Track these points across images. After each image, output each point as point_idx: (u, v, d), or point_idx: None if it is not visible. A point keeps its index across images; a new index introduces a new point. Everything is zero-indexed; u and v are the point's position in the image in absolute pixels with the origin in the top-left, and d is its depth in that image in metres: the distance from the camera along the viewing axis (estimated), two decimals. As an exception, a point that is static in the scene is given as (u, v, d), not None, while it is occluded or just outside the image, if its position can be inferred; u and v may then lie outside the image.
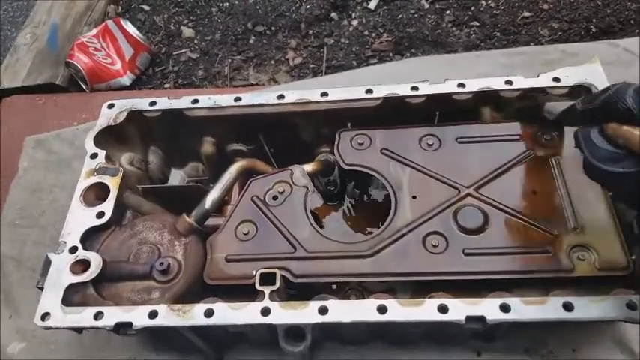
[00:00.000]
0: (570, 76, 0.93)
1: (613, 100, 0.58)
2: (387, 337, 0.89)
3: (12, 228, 1.19)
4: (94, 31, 1.61)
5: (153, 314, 0.74)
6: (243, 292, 0.80)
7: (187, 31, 1.77)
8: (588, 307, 0.69)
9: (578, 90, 0.92)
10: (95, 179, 0.90)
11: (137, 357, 0.94)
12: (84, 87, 1.60)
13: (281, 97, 0.96)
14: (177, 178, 1.12)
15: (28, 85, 1.58)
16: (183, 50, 1.73)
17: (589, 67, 0.94)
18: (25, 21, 1.81)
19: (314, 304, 0.73)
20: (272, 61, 1.65)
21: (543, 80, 0.93)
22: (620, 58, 1.28)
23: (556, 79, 0.93)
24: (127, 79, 1.61)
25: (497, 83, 0.94)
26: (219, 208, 0.91)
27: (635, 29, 1.57)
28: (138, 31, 1.65)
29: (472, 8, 1.67)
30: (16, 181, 1.27)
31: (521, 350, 0.87)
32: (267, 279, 0.77)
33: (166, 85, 1.64)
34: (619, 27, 1.58)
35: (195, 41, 1.75)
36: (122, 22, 1.63)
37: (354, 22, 1.70)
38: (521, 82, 0.94)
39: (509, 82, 0.94)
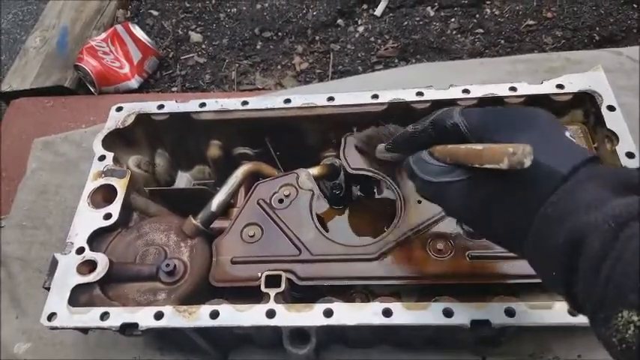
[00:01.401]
0: (574, 83, 0.94)
1: (441, 118, 0.58)
2: (391, 340, 0.89)
3: (19, 229, 1.19)
4: (103, 35, 1.63)
5: (159, 315, 0.75)
6: (249, 294, 0.80)
7: (195, 36, 1.78)
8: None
9: (582, 97, 0.93)
10: (103, 181, 0.91)
11: (142, 357, 0.94)
12: (92, 90, 1.62)
13: (288, 101, 0.97)
14: (183, 180, 1.13)
15: (36, 88, 1.59)
16: (190, 55, 1.74)
17: (593, 74, 0.95)
18: (35, 24, 1.83)
19: (319, 307, 0.73)
20: (279, 66, 1.66)
21: (547, 87, 0.94)
22: (624, 65, 1.29)
23: (560, 86, 0.94)
24: (134, 83, 1.63)
25: (501, 90, 0.95)
26: (225, 210, 0.92)
27: (637, 38, 1.58)
28: (146, 35, 1.67)
29: (477, 16, 1.68)
30: (24, 183, 1.28)
31: (526, 355, 0.87)
32: (273, 281, 0.78)
33: (174, 89, 1.66)
34: (622, 35, 1.59)
35: (203, 46, 1.76)
36: (131, 26, 1.65)
37: (360, 29, 1.71)
38: (525, 88, 0.94)
39: (513, 89, 0.94)
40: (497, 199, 0.52)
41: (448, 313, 0.71)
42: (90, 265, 0.81)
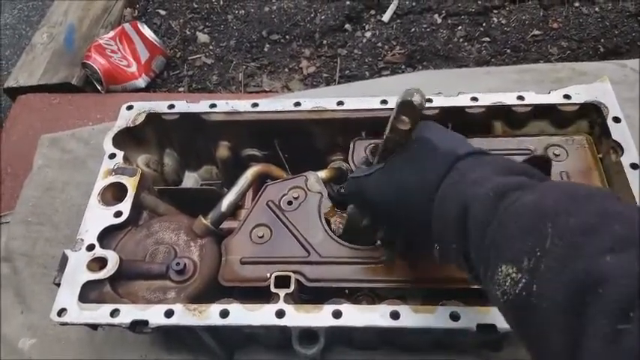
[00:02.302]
0: (581, 94, 0.95)
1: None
2: (395, 342, 0.90)
3: (24, 225, 1.20)
4: (111, 33, 1.63)
5: (169, 313, 0.75)
6: (257, 294, 0.81)
7: (203, 37, 1.79)
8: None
9: (588, 108, 0.95)
10: (113, 179, 0.91)
11: (148, 356, 0.95)
12: (99, 88, 1.63)
13: (298, 104, 0.98)
14: (190, 180, 1.14)
15: (43, 84, 1.60)
16: (198, 55, 1.76)
17: (599, 85, 0.96)
18: (41, 20, 1.84)
19: (328, 308, 0.74)
20: (286, 69, 1.68)
21: (554, 97, 0.96)
22: (628, 78, 1.30)
23: (567, 96, 0.95)
24: (142, 82, 1.64)
25: (509, 98, 0.96)
26: (234, 211, 0.93)
27: (642, 50, 1.60)
28: (154, 34, 1.68)
29: (483, 24, 1.70)
30: (30, 179, 1.28)
31: (528, 358, 0.88)
32: (282, 282, 0.79)
33: (180, 89, 1.66)
34: (626, 48, 1.61)
35: (211, 47, 1.77)
36: (139, 25, 1.66)
37: (368, 34, 1.73)
38: (533, 97, 0.96)
39: (521, 98, 0.96)
40: (406, 181, 0.61)
41: (455, 316, 0.72)
42: (100, 262, 0.82)
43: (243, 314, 0.74)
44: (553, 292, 0.38)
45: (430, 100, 0.96)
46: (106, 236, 0.86)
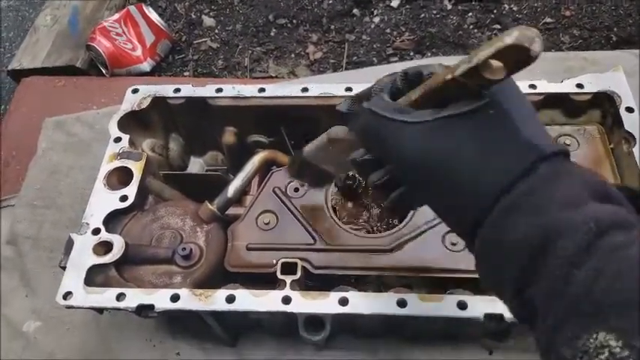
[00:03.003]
0: (593, 83, 0.94)
1: (416, 68, 0.51)
2: (400, 331, 0.90)
3: (30, 208, 1.19)
4: (116, 16, 1.61)
5: (175, 298, 0.75)
6: (263, 280, 0.81)
7: (208, 21, 1.77)
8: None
9: (601, 97, 0.93)
10: (119, 163, 0.91)
11: (153, 340, 0.95)
12: (103, 71, 1.61)
13: (305, 90, 0.97)
14: (196, 166, 1.13)
15: (47, 67, 1.58)
16: (203, 39, 1.73)
17: (612, 75, 0.95)
18: (44, 2, 1.82)
19: (334, 295, 0.74)
20: (292, 55, 1.65)
21: (567, 86, 0.94)
22: (641, 67, 1.28)
23: (580, 86, 0.94)
24: (147, 66, 1.62)
25: (520, 86, 0.94)
26: (240, 197, 0.92)
27: (656, 40, 1.57)
28: (159, 17, 1.66)
29: (494, 11, 1.67)
30: (35, 162, 1.27)
31: (534, 349, 0.88)
32: (288, 269, 0.78)
33: (186, 74, 1.65)
34: (640, 37, 1.59)
35: (216, 31, 1.75)
36: (144, 8, 1.64)
37: (376, 20, 1.70)
38: (545, 86, 0.94)
39: (533, 86, 0.94)
40: (463, 160, 0.43)
41: (462, 305, 0.71)
42: (106, 246, 0.82)
43: (249, 300, 0.74)
44: None
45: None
46: (112, 220, 0.86)
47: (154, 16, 1.64)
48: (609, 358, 0.32)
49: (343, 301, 0.73)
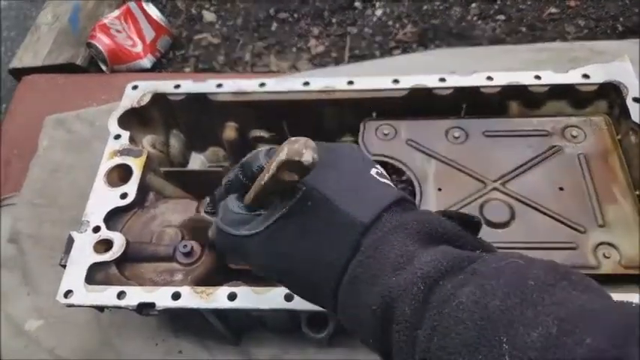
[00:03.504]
0: (600, 74, 0.92)
1: (248, 161, 0.52)
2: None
3: (31, 206, 1.19)
4: (116, 13, 1.60)
5: (176, 296, 0.74)
6: (265, 277, 0.80)
7: (209, 16, 1.76)
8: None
9: (607, 87, 0.91)
10: (119, 160, 0.90)
11: (155, 338, 0.94)
12: (104, 68, 1.60)
13: (306, 84, 0.96)
14: (197, 162, 1.12)
15: (48, 65, 1.58)
16: (204, 35, 1.72)
17: (619, 65, 0.93)
18: (45, 1, 1.81)
19: (338, 292, 0.72)
20: (294, 49, 1.64)
21: (573, 76, 0.92)
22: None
23: (585, 76, 0.92)
24: (147, 62, 1.61)
25: (526, 77, 0.93)
26: (242, 193, 0.91)
27: (662, 29, 1.55)
28: (160, 13, 1.65)
29: (498, 2, 1.65)
30: (36, 160, 1.27)
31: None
32: (291, 265, 0.77)
33: (187, 69, 1.64)
34: (646, 27, 1.56)
35: (217, 26, 1.74)
36: (144, 4, 1.63)
37: (378, 12, 1.68)
38: (550, 77, 0.93)
39: (538, 77, 0.93)
40: (298, 260, 0.46)
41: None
42: (106, 244, 0.81)
43: (252, 297, 0.73)
44: None
45: (443, 80, 0.93)
46: (112, 218, 0.85)
47: (153, 12, 1.63)
48: None
49: (346, 298, 0.72)
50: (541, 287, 0.35)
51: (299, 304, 0.72)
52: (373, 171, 0.49)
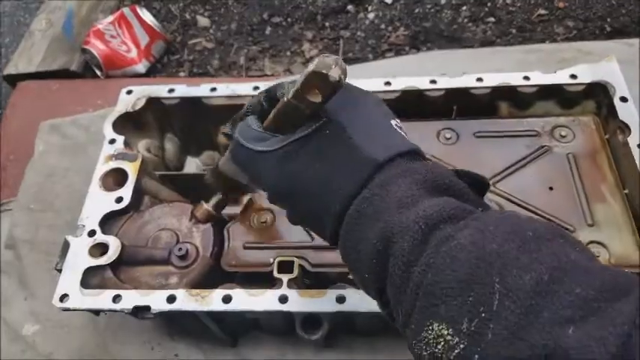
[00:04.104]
0: (587, 74, 0.94)
1: (272, 88, 0.54)
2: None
3: (27, 211, 1.20)
4: (110, 18, 1.61)
5: (171, 299, 0.75)
6: (259, 279, 0.81)
7: (203, 21, 1.77)
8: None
9: (595, 87, 0.93)
10: (114, 164, 0.91)
11: (151, 341, 0.95)
12: (98, 74, 1.61)
13: (299, 87, 0.97)
14: (192, 166, 1.13)
15: (42, 71, 1.58)
16: (198, 39, 1.73)
17: (606, 65, 0.95)
18: (39, 7, 1.82)
19: (331, 293, 0.73)
20: (288, 52, 1.65)
21: (561, 77, 0.94)
22: (636, 57, 1.28)
23: (573, 76, 0.94)
24: (141, 67, 1.62)
25: (514, 78, 0.94)
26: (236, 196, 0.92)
27: (650, 29, 1.57)
28: (154, 19, 1.65)
29: (488, 4, 1.67)
30: (31, 165, 1.27)
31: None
32: (285, 267, 0.78)
33: (181, 74, 1.64)
34: (633, 27, 1.58)
35: (211, 31, 1.75)
36: (138, 9, 1.63)
37: (371, 16, 1.70)
38: (538, 77, 0.94)
39: (526, 78, 0.94)
40: (308, 181, 0.47)
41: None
42: (101, 248, 0.81)
43: (246, 300, 0.74)
44: None
45: (434, 82, 0.94)
46: (108, 222, 0.86)
47: (148, 17, 1.63)
48: (445, 347, 0.34)
49: (340, 299, 0.73)
50: (539, 238, 0.36)
51: (293, 305, 0.73)
52: (393, 122, 0.50)
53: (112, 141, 0.94)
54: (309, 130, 0.47)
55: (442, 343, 0.34)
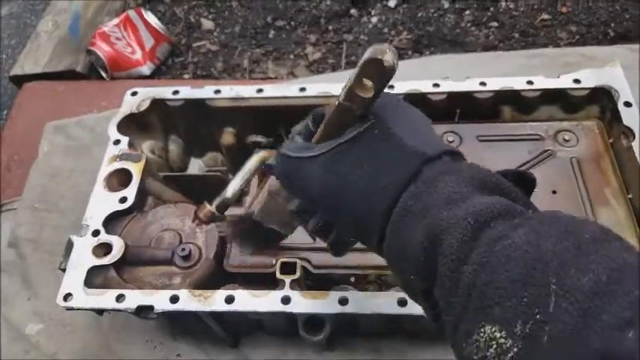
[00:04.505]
0: (591, 79, 0.94)
1: (319, 110, 0.56)
2: (401, 329, 0.90)
3: (31, 211, 1.20)
4: (116, 21, 1.62)
5: (174, 299, 0.75)
6: (262, 281, 0.81)
7: (207, 23, 1.78)
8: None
9: (599, 92, 0.93)
10: (118, 165, 0.91)
11: (154, 341, 0.95)
12: (104, 75, 1.62)
13: (303, 89, 0.97)
14: (195, 167, 1.13)
15: (48, 72, 1.59)
16: (202, 42, 1.74)
17: (610, 70, 0.95)
18: (45, 9, 1.83)
19: (334, 295, 0.73)
20: (291, 56, 1.66)
21: (564, 81, 0.94)
22: (638, 62, 1.28)
23: (577, 81, 0.94)
24: (146, 69, 1.63)
25: (518, 83, 0.94)
26: (240, 198, 0.92)
27: (653, 35, 1.57)
28: (159, 21, 1.67)
29: (491, 9, 1.68)
30: (36, 165, 1.28)
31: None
32: (288, 268, 0.78)
33: (185, 76, 1.66)
34: (636, 32, 1.59)
35: (215, 33, 1.76)
36: (143, 12, 1.65)
37: (374, 19, 1.71)
38: (542, 82, 0.94)
39: (530, 82, 0.94)
40: (356, 180, 0.46)
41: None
42: (105, 248, 0.82)
43: (249, 300, 0.74)
44: None
45: (437, 85, 0.94)
46: (111, 222, 0.86)
47: (153, 20, 1.65)
48: (497, 350, 0.33)
49: (343, 301, 0.73)
50: (595, 240, 0.35)
51: (296, 306, 0.73)
52: (432, 126, 0.51)
53: (117, 142, 0.94)
54: (359, 130, 0.47)
55: (495, 347, 0.33)
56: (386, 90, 0.50)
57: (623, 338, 0.28)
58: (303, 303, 0.73)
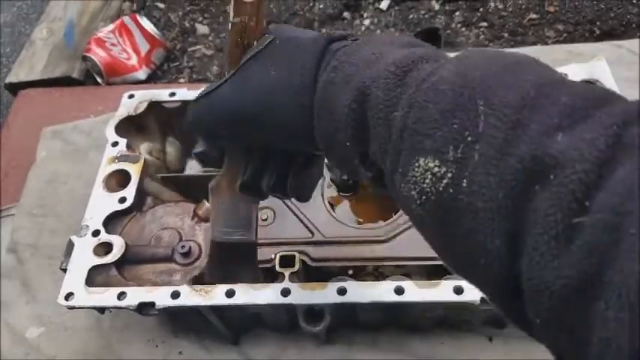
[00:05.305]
0: (577, 73, 0.96)
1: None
2: (400, 321, 0.91)
3: (29, 216, 1.21)
4: (111, 27, 1.64)
5: (175, 295, 0.76)
6: (262, 275, 0.82)
7: (202, 28, 1.80)
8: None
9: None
10: (117, 166, 0.92)
11: (156, 339, 0.96)
12: (99, 81, 1.63)
13: (298, 89, 0.99)
14: (193, 168, 1.14)
15: (44, 79, 1.60)
16: (197, 47, 1.76)
17: (595, 64, 0.98)
18: (39, 17, 1.85)
19: (333, 285, 0.75)
20: (285, 58, 1.68)
21: (553, 76, 0.96)
22: (624, 58, 1.31)
23: (565, 75, 0.96)
24: (142, 74, 1.64)
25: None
26: (238, 195, 0.93)
27: (637, 32, 1.60)
28: (154, 27, 1.68)
29: (481, 9, 1.71)
30: (33, 171, 1.29)
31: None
32: (287, 262, 0.80)
33: (181, 80, 1.67)
34: (621, 30, 1.62)
35: (210, 38, 1.78)
36: (138, 17, 1.66)
37: (366, 22, 1.73)
38: (531, 78, 0.97)
39: (519, 78, 0.97)
40: (267, 83, 0.45)
41: (458, 290, 0.73)
42: (106, 247, 0.83)
43: (249, 294, 0.75)
44: (490, 186, 0.30)
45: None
46: (111, 222, 0.87)
47: (148, 25, 1.66)
48: (432, 179, 0.33)
49: (341, 291, 0.74)
50: (524, 62, 0.35)
51: (295, 298, 0.75)
52: None
53: (115, 144, 0.96)
54: (259, 47, 0.47)
55: (430, 177, 0.33)
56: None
57: (553, 142, 0.28)
58: (302, 294, 0.75)
